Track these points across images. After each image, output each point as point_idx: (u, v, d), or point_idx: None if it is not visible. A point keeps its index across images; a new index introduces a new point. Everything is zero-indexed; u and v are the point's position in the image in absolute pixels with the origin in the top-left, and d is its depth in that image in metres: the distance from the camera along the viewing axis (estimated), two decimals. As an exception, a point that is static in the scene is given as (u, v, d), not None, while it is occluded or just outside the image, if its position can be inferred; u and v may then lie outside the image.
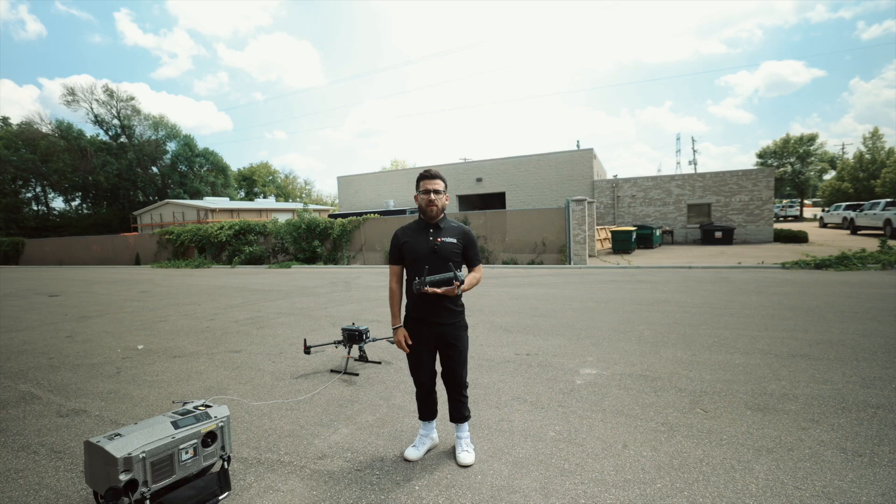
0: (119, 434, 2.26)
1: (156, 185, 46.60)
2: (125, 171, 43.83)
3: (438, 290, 2.49)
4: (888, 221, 17.84)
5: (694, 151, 51.72)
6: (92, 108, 44.06)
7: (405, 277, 2.77)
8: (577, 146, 25.47)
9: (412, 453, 2.82)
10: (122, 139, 45.78)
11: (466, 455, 2.75)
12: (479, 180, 25.08)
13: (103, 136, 45.47)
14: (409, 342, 2.73)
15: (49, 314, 8.72)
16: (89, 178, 43.06)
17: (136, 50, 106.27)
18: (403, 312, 2.80)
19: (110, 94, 44.34)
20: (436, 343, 2.72)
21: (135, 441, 2.21)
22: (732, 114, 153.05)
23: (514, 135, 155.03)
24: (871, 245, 13.09)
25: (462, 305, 2.75)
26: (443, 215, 2.74)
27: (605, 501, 2.28)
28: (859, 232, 21.08)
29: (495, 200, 25.68)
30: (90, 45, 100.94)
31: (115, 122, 45.40)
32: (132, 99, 45.62)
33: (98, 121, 44.82)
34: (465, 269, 2.74)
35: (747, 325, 5.56)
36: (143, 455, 2.18)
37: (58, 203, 46.29)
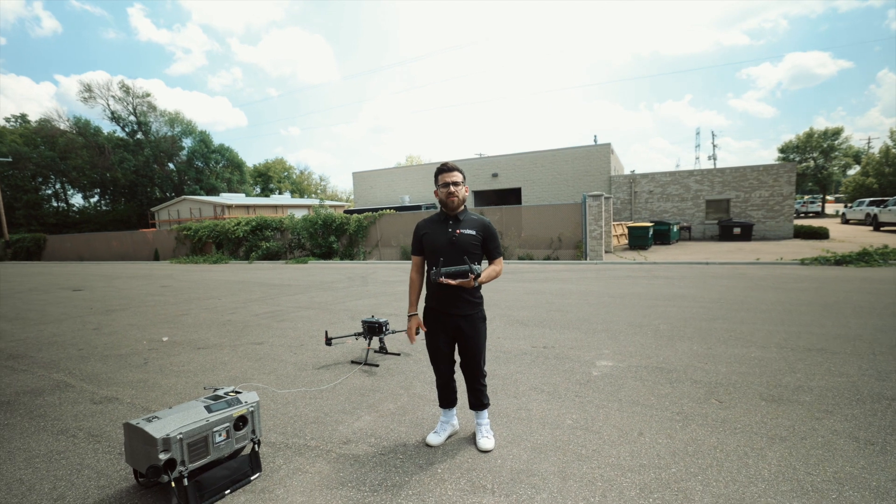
0: (157, 417, 2.40)
1: (172, 181, 47.25)
2: (142, 167, 44.45)
3: (453, 282, 2.56)
4: (912, 217, 17.44)
5: (714, 146, 50.65)
6: (108, 105, 44.78)
7: (426, 268, 2.86)
8: (595, 141, 25.26)
9: (434, 439, 2.94)
10: (139, 136, 46.41)
11: (486, 441, 2.85)
12: (494, 176, 25.07)
13: (120, 133, 46.17)
14: (424, 330, 2.85)
15: (74, 308, 8.94)
16: (107, 174, 43.72)
17: (150, 46, 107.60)
18: (423, 304, 2.91)
19: (126, 90, 44.97)
20: (454, 333, 2.79)
21: (172, 423, 2.35)
22: (754, 107, 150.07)
23: (529, 130, 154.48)
24: (894, 241, 12.81)
25: (480, 297, 2.81)
26: (463, 207, 2.79)
27: (622, 484, 2.38)
28: (882, 228, 20.59)
29: (511, 196, 25.68)
30: (104, 42, 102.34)
31: (132, 118, 46.03)
32: (148, 95, 46.17)
33: (115, 117, 45.49)
34: (485, 262, 2.84)
35: (764, 320, 5.57)
36: (181, 436, 2.31)
37: (77, 200, 47.25)
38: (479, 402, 2.90)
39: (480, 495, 2.36)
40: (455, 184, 2.69)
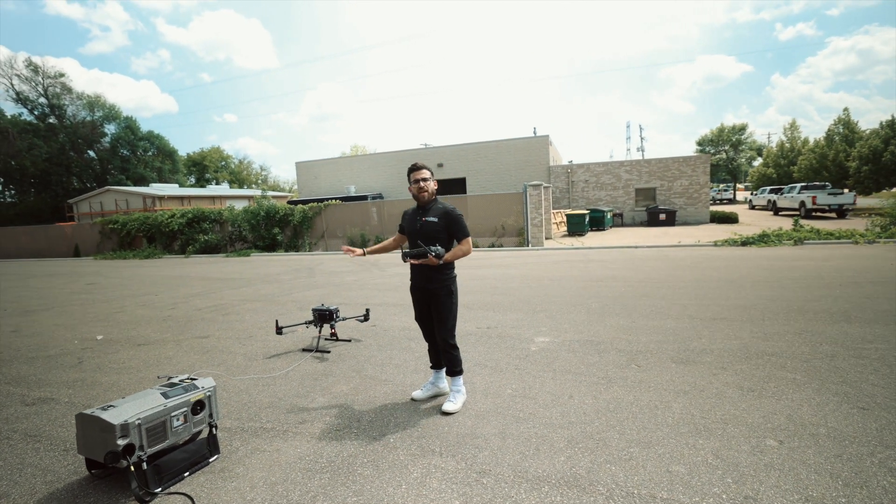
0: (112, 405, 2.42)
1: (94, 170, 43.20)
2: (56, 155, 40.10)
3: (416, 261, 3.00)
4: (802, 203, 19.94)
5: (641, 139, 54.81)
6: (13, 84, 39.93)
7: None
8: (534, 133, 26.17)
9: (416, 394, 3.40)
10: (52, 120, 41.81)
11: (448, 404, 3.16)
12: (440, 166, 25.34)
13: (28, 116, 41.36)
14: (357, 254, 3.36)
15: None
16: (12, 162, 38.75)
17: (59, 20, 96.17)
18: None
19: (34, 69, 40.23)
20: (427, 303, 3.20)
21: (129, 410, 2.38)
22: (674, 104, 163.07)
23: (473, 121, 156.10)
24: (788, 224, 14.63)
25: (447, 274, 3.15)
26: (434, 199, 3.21)
27: (552, 438, 2.73)
28: (780, 213, 23.26)
29: (456, 186, 26.04)
30: (1, 13, 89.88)
31: (42, 100, 41.37)
32: (62, 75, 41.66)
33: (20, 99, 40.62)
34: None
35: (680, 296, 6.28)
36: (139, 422, 2.35)
37: None
38: (449, 368, 3.23)
39: (429, 457, 2.60)
40: (424, 180, 3.13)
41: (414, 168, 3.18)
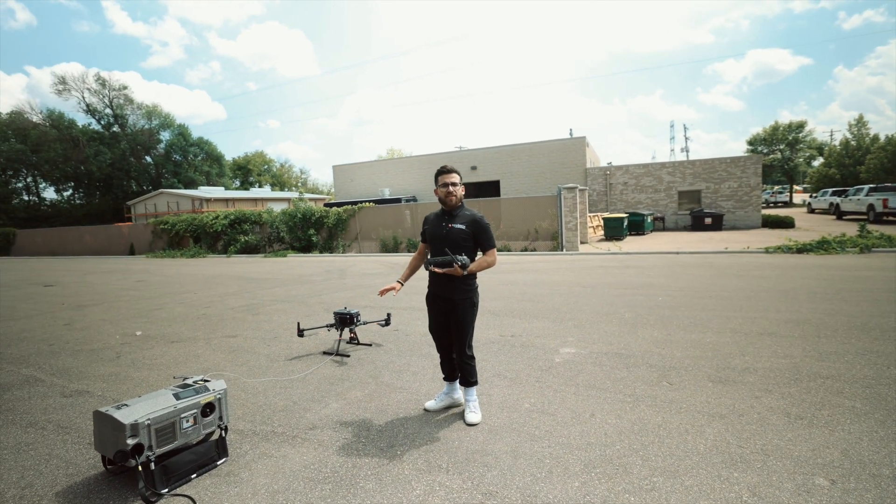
0: (126, 404, 2.47)
1: (150, 174, 46.54)
2: (118, 160, 43.73)
3: (439, 270, 2.88)
4: (871, 206, 18.14)
5: (686, 139, 52.47)
6: (84, 97, 44.00)
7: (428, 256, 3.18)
8: (570, 134, 25.55)
9: (429, 405, 3.30)
10: (115, 128, 45.65)
11: (472, 415, 3.06)
12: (473, 168, 25.23)
13: (95, 126, 45.38)
14: (394, 294, 3.20)
15: (45, 303, 8.87)
16: (81, 167, 42.87)
17: (125, 39, 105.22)
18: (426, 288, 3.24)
19: (102, 83, 44.21)
20: (447, 314, 3.07)
21: (140, 410, 2.42)
22: (722, 101, 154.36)
23: (508, 124, 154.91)
24: (853, 230, 13.37)
25: (470, 284, 3.04)
26: (461, 204, 3.10)
27: (568, 461, 2.52)
28: (845, 217, 21.34)
29: (490, 188, 25.86)
30: (78, 34, 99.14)
31: (108, 111, 45.32)
32: (125, 88, 45.51)
33: (90, 110, 44.77)
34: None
35: (723, 307, 5.81)
36: (149, 422, 2.39)
37: (49, 193, 46.16)
38: (465, 379, 3.13)
39: (435, 474, 2.48)
40: (453, 184, 3.01)
41: (443, 171, 3.04)
